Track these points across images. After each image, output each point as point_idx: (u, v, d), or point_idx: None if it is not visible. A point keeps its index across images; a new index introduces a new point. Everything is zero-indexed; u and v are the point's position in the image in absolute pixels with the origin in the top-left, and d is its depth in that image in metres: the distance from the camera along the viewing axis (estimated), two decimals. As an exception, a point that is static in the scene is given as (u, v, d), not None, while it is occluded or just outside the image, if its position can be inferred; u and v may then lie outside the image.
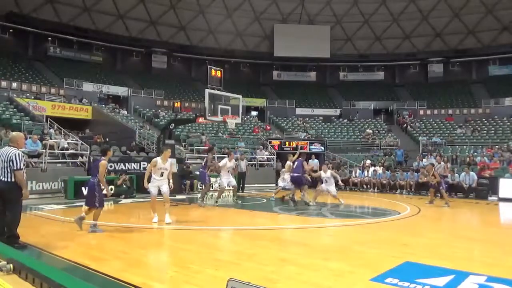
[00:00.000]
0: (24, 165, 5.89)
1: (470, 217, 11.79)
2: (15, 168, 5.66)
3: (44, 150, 14.15)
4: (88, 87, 28.65)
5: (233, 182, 12.30)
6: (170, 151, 8.82)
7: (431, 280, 4.45)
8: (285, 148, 24.10)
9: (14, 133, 6.55)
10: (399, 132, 29.74)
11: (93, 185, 7.29)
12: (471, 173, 15.96)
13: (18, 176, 5.70)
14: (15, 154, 5.71)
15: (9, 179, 5.68)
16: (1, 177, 5.68)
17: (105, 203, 8.46)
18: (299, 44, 36.01)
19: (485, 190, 15.55)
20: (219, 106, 14.41)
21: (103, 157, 7.51)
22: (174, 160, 11.11)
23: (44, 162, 13.87)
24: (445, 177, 15.09)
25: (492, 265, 5.25)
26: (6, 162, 5.66)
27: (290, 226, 8.69)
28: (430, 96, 34.44)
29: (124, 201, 12.88)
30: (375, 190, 18.01)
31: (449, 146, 24.70)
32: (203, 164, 12.51)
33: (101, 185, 7.32)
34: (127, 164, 15.95)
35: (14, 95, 23.00)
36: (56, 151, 15.25)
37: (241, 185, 16.43)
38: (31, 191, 11.25)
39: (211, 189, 14.91)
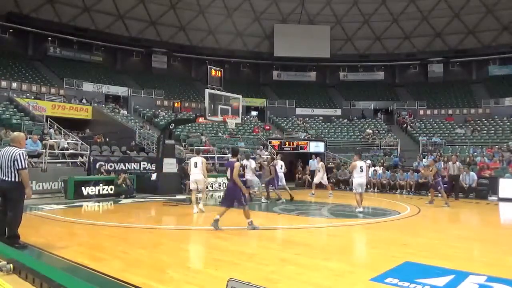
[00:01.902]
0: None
1: (470, 217, 11.78)
2: (19, 167, 5.67)
3: (44, 150, 14.15)
4: (88, 87, 28.63)
5: None
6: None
7: (431, 280, 4.45)
8: (285, 148, 24.12)
9: (15, 133, 6.52)
10: (399, 132, 29.74)
11: (232, 187, 7.59)
12: (471, 173, 15.94)
13: (23, 175, 5.71)
14: (19, 154, 5.72)
15: (12, 179, 5.68)
16: (4, 177, 5.69)
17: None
18: (299, 44, 36.01)
19: (485, 190, 15.55)
20: (219, 106, 14.40)
21: (234, 158, 7.91)
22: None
23: (44, 162, 13.87)
24: (457, 176, 15.02)
25: (492, 265, 5.26)
26: (10, 162, 5.66)
27: (290, 226, 8.69)
28: (430, 96, 34.46)
29: (124, 201, 12.88)
30: (375, 190, 18.01)
31: (449, 146, 24.71)
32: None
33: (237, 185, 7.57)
34: (127, 164, 15.94)
35: (14, 95, 23.00)
36: (56, 151, 15.25)
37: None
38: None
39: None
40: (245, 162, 13.21)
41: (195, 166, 10.52)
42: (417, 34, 36.41)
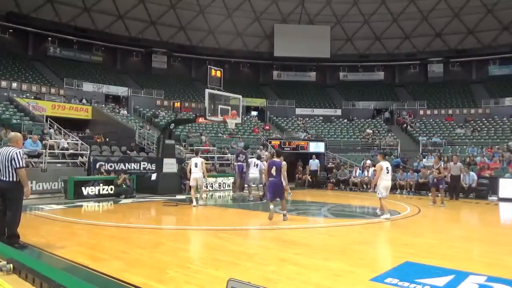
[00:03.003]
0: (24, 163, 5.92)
1: (470, 217, 11.78)
2: (17, 166, 5.69)
3: (44, 150, 14.15)
4: (88, 87, 28.62)
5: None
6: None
7: (431, 280, 4.45)
8: (285, 148, 24.09)
9: (12, 133, 6.61)
10: (399, 132, 29.73)
11: (280, 183, 8.78)
12: (471, 173, 15.92)
13: (21, 174, 5.73)
14: (16, 153, 5.75)
15: (10, 179, 5.70)
16: (3, 177, 5.70)
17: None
18: (299, 44, 35.99)
19: (485, 190, 15.53)
20: (219, 106, 14.40)
21: (278, 158, 8.99)
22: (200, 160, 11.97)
23: (44, 162, 13.87)
24: (458, 176, 14.93)
25: (492, 265, 5.25)
26: (8, 161, 5.68)
27: (290, 226, 8.69)
28: (430, 96, 34.45)
29: (124, 201, 12.88)
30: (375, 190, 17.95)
31: (449, 146, 24.71)
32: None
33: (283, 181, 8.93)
34: (127, 164, 15.94)
35: (14, 95, 23.00)
36: (56, 151, 15.25)
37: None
38: (31, 191, 11.26)
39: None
40: (255, 161, 13.36)
41: (196, 166, 11.55)
42: (417, 34, 36.40)
